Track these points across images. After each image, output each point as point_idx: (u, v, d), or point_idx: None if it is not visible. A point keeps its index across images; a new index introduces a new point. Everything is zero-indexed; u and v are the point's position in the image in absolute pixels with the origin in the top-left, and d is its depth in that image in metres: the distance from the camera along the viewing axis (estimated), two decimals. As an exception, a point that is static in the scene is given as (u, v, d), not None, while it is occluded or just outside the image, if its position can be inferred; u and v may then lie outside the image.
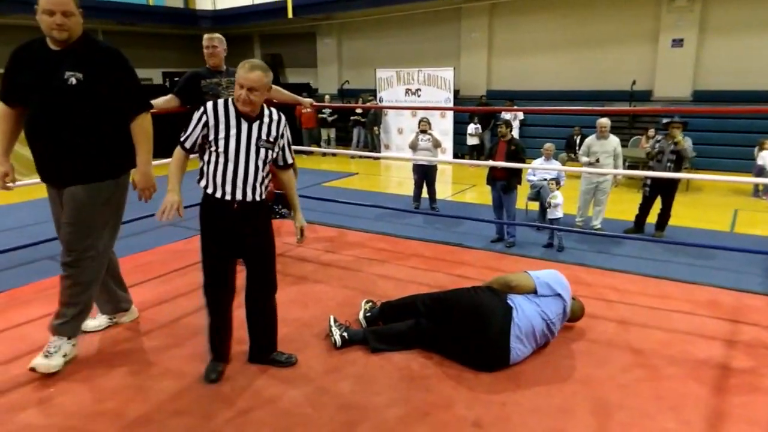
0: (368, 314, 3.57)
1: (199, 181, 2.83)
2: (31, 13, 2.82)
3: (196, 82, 4.33)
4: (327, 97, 15.09)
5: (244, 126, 2.75)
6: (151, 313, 3.78)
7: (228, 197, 2.76)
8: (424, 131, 7.65)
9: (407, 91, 13.36)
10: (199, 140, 2.78)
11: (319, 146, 14.25)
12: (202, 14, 16.42)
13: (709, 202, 8.43)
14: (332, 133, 14.61)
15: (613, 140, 6.55)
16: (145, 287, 4.26)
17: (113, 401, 2.76)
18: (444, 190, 9.11)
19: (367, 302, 3.70)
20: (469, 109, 13.79)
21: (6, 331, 3.50)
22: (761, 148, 9.21)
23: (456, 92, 13.25)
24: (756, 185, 8.92)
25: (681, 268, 4.99)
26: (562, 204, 5.98)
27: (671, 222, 6.40)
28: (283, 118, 2.91)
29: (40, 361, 2.93)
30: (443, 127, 12.51)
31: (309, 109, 12.76)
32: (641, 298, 4.09)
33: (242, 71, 2.67)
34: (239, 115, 2.75)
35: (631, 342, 3.41)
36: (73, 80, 2.80)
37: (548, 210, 6.07)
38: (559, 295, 3.27)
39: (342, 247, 5.40)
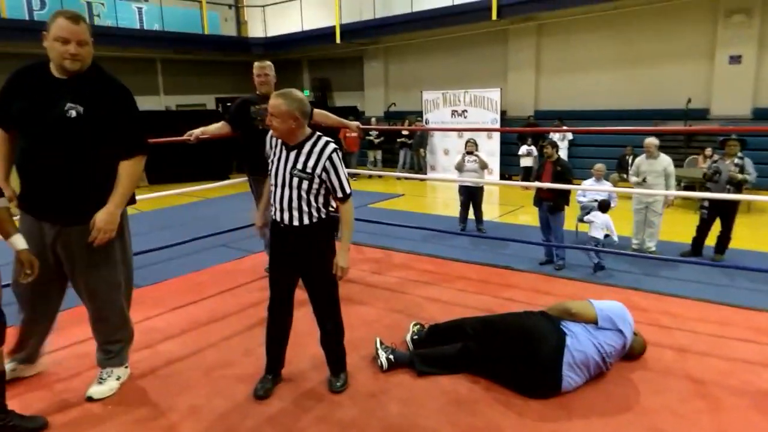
0: (415, 337, 3.56)
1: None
2: (30, 40, 2.73)
3: (245, 109, 4.50)
4: (373, 119, 15.29)
5: (284, 153, 2.87)
6: (203, 333, 3.88)
7: (278, 218, 2.92)
8: (470, 152, 7.64)
9: (453, 112, 13.38)
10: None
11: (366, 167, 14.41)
12: (254, 41, 17.03)
13: (773, 224, 8.03)
14: (378, 155, 14.76)
15: (664, 160, 6.35)
16: (198, 306, 4.39)
17: (166, 419, 2.84)
18: (491, 211, 9.02)
19: (416, 324, 3.69)
20: (515, 129, 13.67)
21: (67, 348, 3.66)
22: (829, 167, 8.73)
23: (503, 113, 13.18)
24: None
25: (742, 293, 4.75)
26: (602, 224, 5.81)
27: (732, 245, 6.12)
28: (329, 149, 2.81)
29: (95, 390, 3.00)
30: (490, 148, 12.43)
31: (354, 134, 12.94)
32: (699, 325, 3.92)
33: (271, 98, 2.81)
34: (283, 142, 2.88)
35: (690, 371, 3.26)
36: (73, 113, 2.64)
37: (590, 228, 5.90)
38: (620, 330, 3.16)
39: (388, 269, 5.41)
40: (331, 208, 2.98)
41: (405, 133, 13.83)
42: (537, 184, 5.97)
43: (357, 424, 2.77)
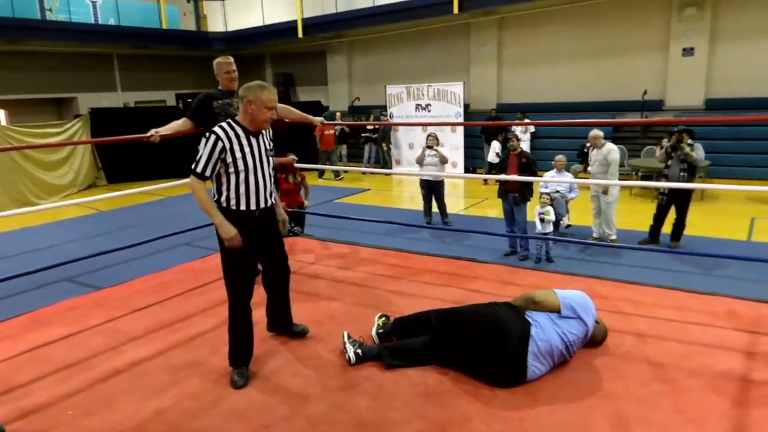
0: (381, 330, 3.56)
1: (217, 199, 3.07)
2: (45, 39, 2.81)
3: (208, 104, 4.41)
4: (338, 114, 15.24)
5: (254, 141, 3.07)
6: (168, 333, 3.81)
7: (253, 207, 3.10)
8: (430, 147, 7.70)
9: (417, 106, 13.44)
10: (219, 165, 2.98)
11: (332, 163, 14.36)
12: (214, 36, 16.73)
13: (726, 211, 8.35)
14: (344, 149, 14.72)
15: (605, 149, 6.62)
16: (163, 306, 4.31)
17: (132, 422, 2.79)
18: (456, 204, 9.12)
19: (381, 317, 3.69)
20: (479, 123, 13.82)
21: (27, 352, 3.56)
22: (777, 156, 9.13)
23: (466, 106, 13.30)
24: (773, 193, 8.82)
25: (698, 278, 4.93)
26: (551, 221, 6.05)
27: (687, 232, 6.35)
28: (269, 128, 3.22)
29: None
30: (454, 141, 12.56)
31: (332, 131, 12.86)
32: (658, 310, 4.05)
33: (269, 93, 3.01)
34: (247, 132, 3.04)
35: (649, 355, 3.37)
36: None
37: (541, 224, 6.06)
38: (582, 319, 3.24)
39: (355, 264, 5.41)
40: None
41: (369, 127, 13.82)
42: (503, 176, 6.07)
43: (326, 420, 2.77)
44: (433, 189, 7.69)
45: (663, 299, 4.28)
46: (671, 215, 6.43)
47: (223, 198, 3.05)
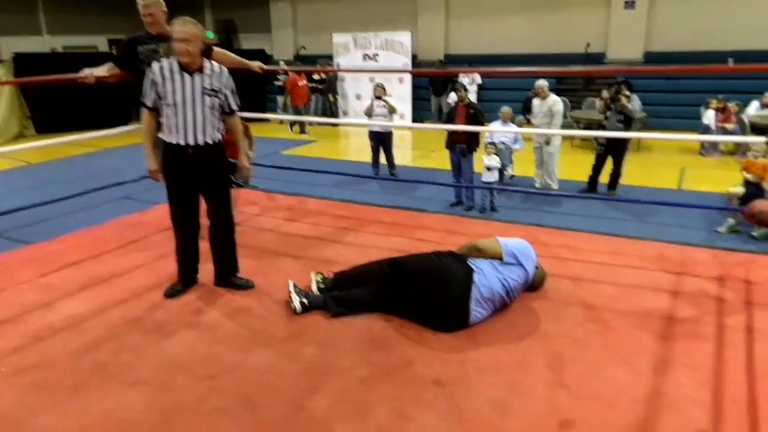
0: (322, 286, 3.52)
1: (159, 132, 3.29)
2: None
3: (133, 49, 4.06)
4: (282, 62, 14.74)
5: (188, 78, 3.17)
6: (105, 288, 3.69)
7: (182, 142, 3.22)
8: (379, 97, 7.60)
9: (365, 56, 13.16)
10: (155, 97, 3.20)
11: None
12: (147, -24, 15.66)
13: (659, 161, 8.72)
14: (289, 100, 14.31)
15: (550, 100, 6.74)
16: (99, 261, 4.15)
17: (69, 379, 2.71)
18: (404, 156, 9.11)
19: (317, 274, 3.60)
20: (427, 72, 13.74)
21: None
22: (707, 108, 9.53)
23: (414, 57, 13.13)
24: (702, 143, 9.26)
25: (631, 225, 5.17)
26: (497, 168, 6.12)
27: (623, 182, 6.60)
28: (225, 70, 3.30)
29: None
30: (402, 92, 12.42)
31: (303, 82, 12.35)
32: (594, 255, 4.23)
33: (177, 26, 3.10)
34: (182, 69, 3.16)
35: (584, 297, 3.54)
36: None
37: (487, 173, 6.12)
38: (523, 265, 3.34)
39: (302, 216, 5.36)
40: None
41: (316, 77, 13.46)
42: (451, 126, 6.08)
43: (273, 369, 2.78)
44: (382, 140, 7.63)
45: (598, 245, 4.47)
46: (609, 166, 6.66)
47: (163, 130, 3.26)
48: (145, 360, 2.86)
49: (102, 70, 4.09)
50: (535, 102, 6.89)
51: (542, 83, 6.74)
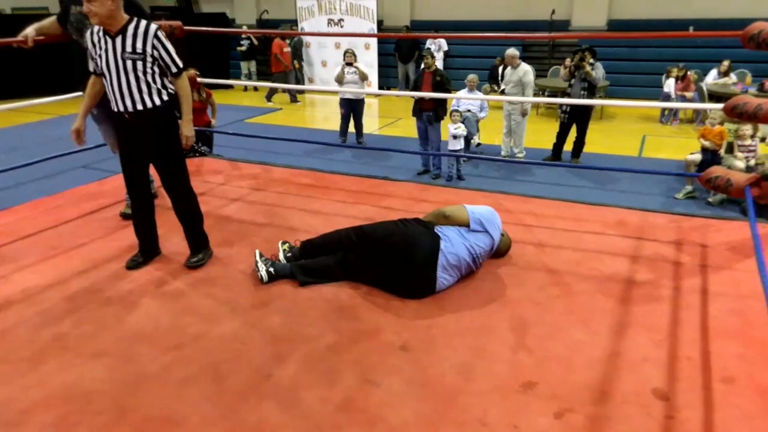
0: (289, 254, 3.51)
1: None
2: None
3: (68, 9, 3.84)
4: (244, 27, 14.31)
5: (109, 42, 3.00)
6: (63, 260, 3.59)
7: (118, 109, 3.11)
8: (350, 64, 7.46)
9: (330, 21, 12.89)
10: (95, 63, 3.11)
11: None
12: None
13: (621, 129, 8.88)
14: (253, 66, 13.95)
15: (520, 70, 6.75)
16: (56, 232, 4.02)
17: (28, 351, 2.64)
18: (371, 124, 9.04)
19: (284, 243, 3.58)
20: (393, 35, 13.56)
21: None
22: (668, 76, 9.70)
23: (380, 22, 12.92)
24: (662, 111, 9.46)
25: (593, 192, 5.27)
26: (463, 136, 6.14)
27: (586, 149, 6.71)
28: (153, 28, 3.03)
29: None
30: (368, 59, 12.24)
31: (287, 49, 11.82)
32: (557, 221, 4.31)
33: None
34: (105, 33, 3.00)
35: (547, 263, 3.61)
36: None
37: (453, 140, 6.14)
38: (489, 232, 3.37)
39: (267, 184, 5.28)
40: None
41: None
42: (418, 93, 6.03)
43: (239, 338, 2.76)
44: (353, 108, 7.52)
45: (562, 211, 4.55)
46: (573, 134, 6.75)
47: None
48: (107, 331, 2.80)
49: (41, 28, 3.86)
50: (507, 71, 6.90)
51: (513, 52, 6.72)
